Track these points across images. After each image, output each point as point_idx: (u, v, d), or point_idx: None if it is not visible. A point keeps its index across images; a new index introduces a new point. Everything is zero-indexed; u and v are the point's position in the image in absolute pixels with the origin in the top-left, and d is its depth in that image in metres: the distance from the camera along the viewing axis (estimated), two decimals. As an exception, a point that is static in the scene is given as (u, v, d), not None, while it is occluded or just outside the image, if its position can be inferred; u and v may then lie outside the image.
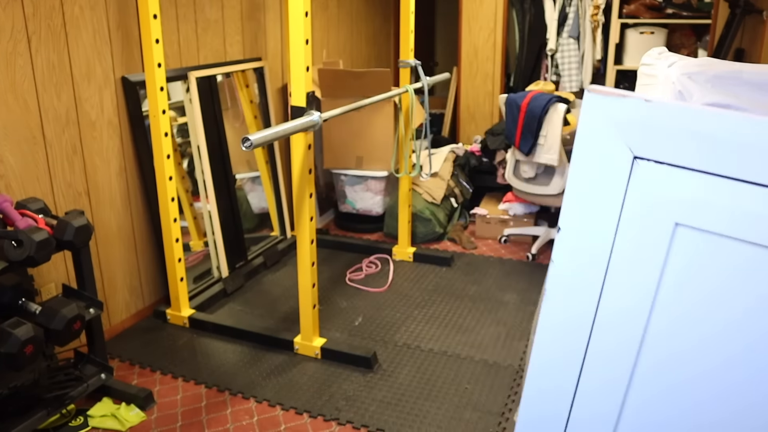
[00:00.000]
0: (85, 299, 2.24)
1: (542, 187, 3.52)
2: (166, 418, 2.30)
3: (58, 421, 2.24)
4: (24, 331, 1.82)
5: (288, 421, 2.27)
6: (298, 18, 2.25)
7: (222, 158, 3.30)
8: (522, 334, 2.85)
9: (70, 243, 2.10)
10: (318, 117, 2.32)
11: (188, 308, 2.96)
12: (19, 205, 2.12)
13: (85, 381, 2.28)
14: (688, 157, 0.86)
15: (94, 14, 2.56)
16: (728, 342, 0.89)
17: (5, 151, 2.26)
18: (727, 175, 0.83)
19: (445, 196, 4.15)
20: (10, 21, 2.23)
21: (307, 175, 2.44)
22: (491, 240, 4.04)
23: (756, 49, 3.66)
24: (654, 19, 4.44)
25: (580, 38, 4.65)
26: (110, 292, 2.81)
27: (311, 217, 2.49)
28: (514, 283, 3.39)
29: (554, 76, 4.79)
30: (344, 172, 4.05)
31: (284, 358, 2.66)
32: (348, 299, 3.21)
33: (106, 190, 2.72)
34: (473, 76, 5.07)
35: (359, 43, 5.00)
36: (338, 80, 3.84)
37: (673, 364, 0.96)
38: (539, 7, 4.74)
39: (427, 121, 3.34)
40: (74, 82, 2.51)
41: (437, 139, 5.15)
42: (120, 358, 2.67)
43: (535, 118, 3.33)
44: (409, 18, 3.30)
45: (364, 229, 4.19)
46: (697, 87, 1.35)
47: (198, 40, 3.16)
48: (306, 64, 2.30)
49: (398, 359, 2.65)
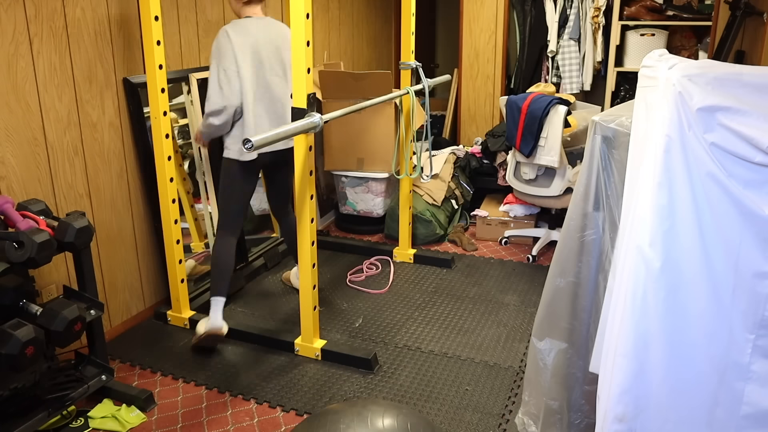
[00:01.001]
0: (86, 300, 2.24)
1: (543, 189, 3.52)
2: (167, 419, 2.30)
3: (58, 423, 2.24)
4: (25, 333, 1.82)
5: (288, 423, 2.27)
6: (299, 20, 2.26)
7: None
8: (522, 335, 2.85)
9: (71, 244, 2.10)
10: (319, 119, 2.32)
11: (189, 310, 2.96)
12: (21, 207, 2.13)
13: (85, 382, 2.28)
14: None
15: (96, 16, 2.57)
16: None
17: (7, 153, 2.27)
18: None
19: (446, 198, 4.15)
20: (12, 23, 2.23)
21: (308, 176, 2.44)
22: (492, 241, 4.04)
23: (756, 51, 3.66)
24: (654, 21, 4.44)
25: (580, 40, 4.66)
26: (111, 293, 2.81)
27: (312, 219, 2.49)
28: (515, 285, 3.39)
29: (555, 77, 4.79)
30: (345, 173, 4.05)
31: (285, 360, 2.66)
32: (348, 301, 3.21)
33: (107, 192, 2.72)
34: (474, 77, 5.08)
35: (360, 44, 5.01)
36: (339, 82, 3.84)
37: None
38: (540, 9, 4.74)
39: (428, 123, 3.34)
40: (76, 84, 2.51)
41: (438, 140, 5.15)
42: (121, 360, 2.67)
43: (535, 119, 3.33)
44: (410, 20, 3.30)
45: (365, 231, 4.19)
46: (698, 89, 1.35)
47: (199, 42, 3.17)
48: (307, 66, 2.30)
49: (399, 361, 2.65)
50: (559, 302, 1.85)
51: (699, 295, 1.39)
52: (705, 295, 1.38)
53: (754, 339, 1.36)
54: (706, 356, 1.40)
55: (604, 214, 1.71)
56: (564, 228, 1.80)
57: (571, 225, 1.78)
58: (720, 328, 1.38)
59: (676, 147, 1.36)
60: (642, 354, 1.42)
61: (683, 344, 1.40)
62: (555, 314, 1.86)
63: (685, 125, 1.36)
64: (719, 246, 1.36)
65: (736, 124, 1.33)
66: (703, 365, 1.40)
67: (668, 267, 1.38)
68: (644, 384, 1.42)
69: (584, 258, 1.77)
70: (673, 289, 1.39)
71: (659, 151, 1.37)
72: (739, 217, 1.34)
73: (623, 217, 1.51)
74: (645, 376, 1.42)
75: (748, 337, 1.37)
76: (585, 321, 1.81)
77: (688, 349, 1.40)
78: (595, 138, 1.69)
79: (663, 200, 1.37)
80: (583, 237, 1.76)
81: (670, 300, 1.39)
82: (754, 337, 1.36)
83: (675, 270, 1.38)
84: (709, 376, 1.40)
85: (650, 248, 1.38)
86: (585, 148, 1.74)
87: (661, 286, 1.39)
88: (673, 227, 1.37)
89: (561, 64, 4.70)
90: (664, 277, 1.39)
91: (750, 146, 1.32)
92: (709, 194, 1.35)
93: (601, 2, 4.47)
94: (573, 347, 1.84)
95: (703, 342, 1.39)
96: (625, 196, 1.52)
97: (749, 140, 1.32)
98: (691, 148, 1.35)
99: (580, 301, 1.81)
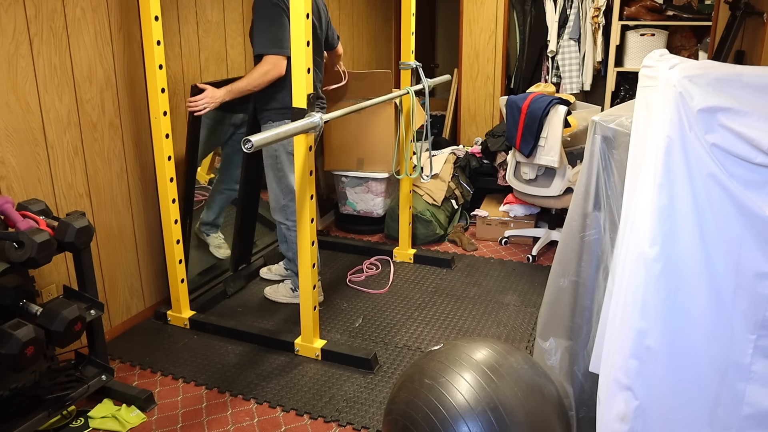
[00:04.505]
0: (86, 300, 2.24)
1: (543, 189, 3.52)
2: (167, 419, 2.30)
3: (58, 423, 2.24)
4: (25, 333, 1.82)
5: (288, 423, 2.27)
6: (299, 20, 2.25)
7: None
8: (522, 335, 2.85)
9: (71, 244, 2.10)
10: (319, 118, 2.32)
11: (189, 310, 2.96)
12: (21, 207, 2.12)
13: (85, 382, 2.28)
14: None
15: (96, 16, 2.56)
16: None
17: (7, 153, 2.27)
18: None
19: (446, 198, 4.15)
20: (12, 23, 2.23)
21: (308, 176, 2.44)
22: (492, 241, 4.04)
23: (756, 51, 3.66)
24: (654, 21, 4.44)
25: (580, 40, 4.66)
26: (111, 293, 2.81)
27: (312, 219, 2.49)
28: (515, 285, 3.39)
29: (555, 77, 4.79)
30: (345, 173, 4.05)
31: (285, 360, 2.66)
32: (348, 301, 3.21)
33: (107, 192, 2.72)
34: (474, 77, 5.08)
35: (360, 44, 5.01)
36: (339, 82, 3.84)
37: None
38: (540, 9, 4.74)
39: (428, 123, 3.34)
40: (76, 84, 2.51)
41: (438, 140, 5.15)
42: (121, 360, 2.67)
43: (535, 119, 3.33)
44: (410, 20, 3.30)
45: (365, 231, 4.19)
46: (699, 90, 1.35)
47: (199, 42, 3.17)
48: (307, 66, 2.30)
49: (399, 360, 2.65)
50: (562, 302, 1.85)
51: (700, 296, 1.39)
52: (706, 296, 1.38)
53: (755, 339, 1.36)
54: (707, 356, 1.40)
55: (604, 214, 1.71)
56: (565, 228, 1.81)
57: (572, 225, 1.78)
58: (721, 329, 1.38)
59: (676, 148, 1.36)
60: (642, 354, 1.42)
61: (684, 344, 1.40)
62: (558, 314, 1.87)
63: (686, 126, 1.36)
64: (720, 246, 1.36)
65: (737, 125, 1.33)
66: (704, 365, 1.40)
67: (669, 267, 1.38)
68: (645, 384, 1.42)
69: (585, 257, 1.78)
70: (674, 289, 1.39)
71: (660, 151, 1.37)
72: (740, 217, 1.34)
73: (623, 218, 1.51)
74: (646, 377, 1.42)
75: (749, 338, 1.37)
76: (587, 319, 1.81)
77: (689, 349, 1.41)
78: (595, 138, 1.70)
79: (664, 201, 1.37)
80: (584, 237, 1.76)
81: (670, 300, 1.39)
82: (755, 338, 1.36)
83: (676, 270, 1.38)
84: (710, 377, 1.40)
85: (651, 249, 1.38)
86: (585, 148, 1.74)
87: (661, 287, 1.39)
88: (674, 228, 1.37)
89: (561, 64, 4.70)
90: (665, 278, 1.39)
91: (751, 147, 1.32)
92: (710, 195, 1.35)
93: (601, 2, 4.47)
94: (576, 344, 1.85)
95: (704, 342, 1.39)
96: (625, 196, 1.52)
97: (750, 141, 1.32)
98: (692, 148, 1.35)
99: (583, 300, 1.81)
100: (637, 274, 1.40)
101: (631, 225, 1.44)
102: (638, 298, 1.40)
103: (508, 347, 1.76)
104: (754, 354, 1.37)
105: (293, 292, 3.12)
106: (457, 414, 1.54)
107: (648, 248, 1.38)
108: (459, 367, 1.65)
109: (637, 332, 1.41)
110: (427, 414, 1.57)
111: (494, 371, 1.62)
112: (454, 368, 1.65)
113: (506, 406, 1.55)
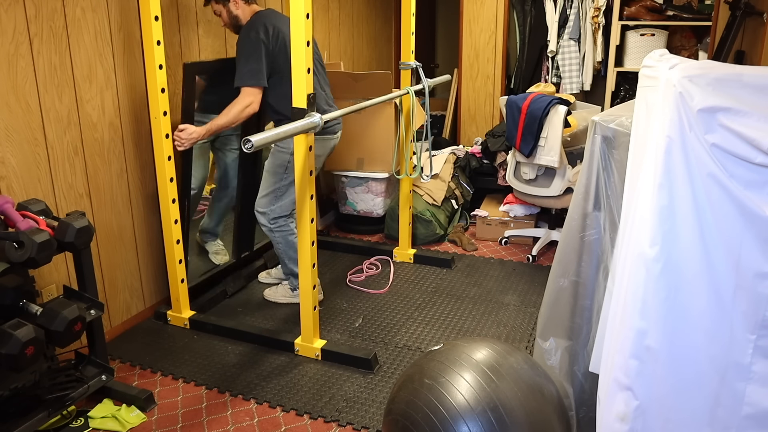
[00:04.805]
0: (86, 300, 2.24)
1: (543, 189, 3.52)
2: (167, 419, 2.30)
3: (58, 423, 2.24)
4: (25, 333, 1.82)
5: (288, 423, 2.27)
6: (299, 20, 2.25)
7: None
8: (522, 335, 2.85)
9: (71, 244, 2.10)
10: (319, 119, 2.32)
11: (189, 310, 2.96)
12: (21, 207, 2.12)
13: (85, 382, 2.28)
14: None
15: (96, 16, 2.56)
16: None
17: (7, 153, 2.27)
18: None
19: (446, 198, 4.15)
20: (12, 23, 2.23)
21: (308, 176, 2.44)
22: (492, 241, 4.04)
23: (756, 51, 3.66)
24: (654, 21, 4.44)
25: (580, 40, 4.66)
26: (111, 293, 2.81)
27: (312, 219, 2.49)
28: (515, 285, 3.39)
29: (555, 77, 4.79)
30: (345, 173, 4.05)
31: (285, 360, 2.66)
32: (348, 301, 3.21)
33: (107, 192, 2.72)
34: (474, 77, 5.08)
35: (360, 45, 5.01)
36: (339, 82, 3.84)
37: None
38: (540, 9, 4.74)
39: (428, 123, 3.34)
40: (76, 84, 2.51)
41: (438, 140, 5.15)
42: (121, 360, 2.67)
43: (535, 119, 3.33)
44: (410, 20, 3.30)
45: (365, 231, 4.19)
46: (699, 90, 1.35)
47: (199, 42, 3.17)
48: (307, 66, 2.30)
49: (399, 360, 2.65)
50: (562, 302, 1.85)
51: (700, 296, 1.39)
52: (706, 296, 1.38)
53: (755, 339, 1.36)
54: (707, 356, 1.40)
55: (604, 214, 1.71)
56: (565, 228, 1.81)
57: (572, 225, 1.78)
58: (721, 329, 1.38)
59: (676, 148, 1.36)
60: (642, 354, 1.42)
61: (684, 344, 1.40)
62: (558, 314, 1.87)
63: (686, 126, 1.36)
64: (720, 246, 1.36)
65: (737, 125, 1.33)
66: (704, 365, 1.40)
67: (669, 267, 1.38)
68: (645, 384, 1.42)
69: (585, 257, 1.78)
70: (674, 289, 1.39)
71: (660, 151, 1.37)
72: (740, 217, 1.34)
73: (623, 218, 1.51)
74: (646, 377, 1.42)
75: (749, 338, 1.37)
76: (587, 319, 1.81)
77: (689, 349, 1.41)
78: (595, 138, 1.70)
79: (664, 201, 1.37)
80: (584, 237, 1.76)
81: (670, 300, 1.39)
82: (755, 338, 1.36)
83: (676, 270, 1.38)
84: (710, 377, 1.40)
85: (651, 249, 1.38)
86: (585, 148, 1.74)
87: (661, 287, 1.39)
88: (674, 228, 1.37)
89: (561, 64, 4.70)
90: (665, 278, 1.39)
91: (751, 147, 1.32)
92: (710, 195, 1.35)
93: (601, 2, 4.47)
94: (576, 344, 1.85)
95: (704, 342, 1.39)
96: (625, 196, 1.52)
97: (750, 141, 1.32)
98: (692, 148, 1.35)
99: (583, 300, 1.81)
100: (637, 274, 1.40)
101: (631, 225, 1.44)
102: (638, 298, 1.40)
103: (508, 347, 1.75)
104: (754, 354, 1.37)
105: (292, 292, 3.12)
106: (457, 414, 1.55)
107: (648, 248, 1.38)
108: (459, 367, 1.65)
109: (637, 332, 1.41)
110: (427, 414, 1.57)
111: (494, 371, 1.62)
112: (454, 368, 1.65)
113: (506, 406, 1.55)
